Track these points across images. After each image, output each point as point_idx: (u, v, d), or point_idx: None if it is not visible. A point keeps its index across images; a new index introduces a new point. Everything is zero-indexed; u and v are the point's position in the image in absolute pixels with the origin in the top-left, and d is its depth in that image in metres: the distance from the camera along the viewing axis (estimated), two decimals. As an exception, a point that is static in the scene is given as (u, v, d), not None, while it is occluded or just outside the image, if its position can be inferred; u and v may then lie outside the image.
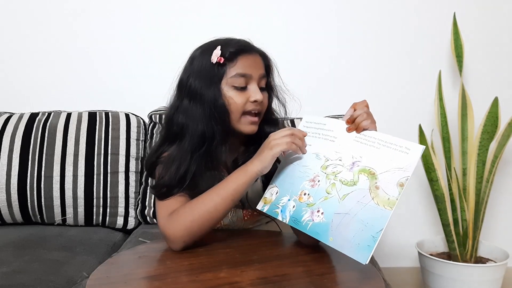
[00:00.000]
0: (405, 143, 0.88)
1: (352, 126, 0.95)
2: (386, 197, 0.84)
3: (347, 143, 0.95)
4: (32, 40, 1.88)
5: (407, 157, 0.86)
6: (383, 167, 0.88)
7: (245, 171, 0.96)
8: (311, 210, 0.91)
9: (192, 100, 1.02)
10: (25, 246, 1.39)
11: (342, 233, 0.85)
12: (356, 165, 0.91)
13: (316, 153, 0.97)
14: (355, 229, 0.84)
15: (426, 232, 1.97)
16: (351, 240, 0.83)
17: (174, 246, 0.97)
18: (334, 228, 0.86)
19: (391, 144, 0.90)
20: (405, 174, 0.85)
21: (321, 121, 1.01)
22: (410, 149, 0.87)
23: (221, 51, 1.01)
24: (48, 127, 1.64)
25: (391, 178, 0.85)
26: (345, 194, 0.88)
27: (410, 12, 1.89)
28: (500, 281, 1.72)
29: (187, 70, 1.06)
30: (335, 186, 0.90)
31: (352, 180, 0.89)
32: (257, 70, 1.03)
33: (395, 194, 0.83)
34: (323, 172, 0.93)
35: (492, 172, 1.69)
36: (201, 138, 1.00)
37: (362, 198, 0.86)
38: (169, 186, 1.00)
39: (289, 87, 1.13)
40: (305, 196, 0.93)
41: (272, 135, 0.96)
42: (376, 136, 0.92)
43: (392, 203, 0.83)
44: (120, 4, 1.87)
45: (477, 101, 1.77)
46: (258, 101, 1.02)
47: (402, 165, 0.86)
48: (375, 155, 0.90)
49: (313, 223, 0.89)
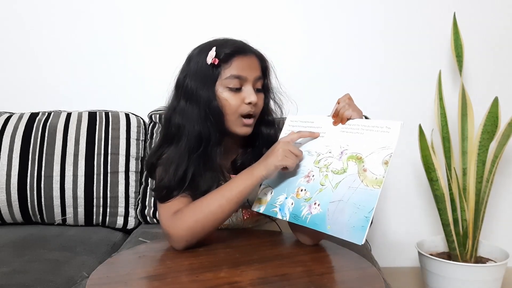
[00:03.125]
0: (385, 122, 0.91)
1: (337, 119, 0.98)
2: (373, 177, 0.87)
3: (335, 135, 0.97)
4: (32, 40, 1.88)
5: (388, 136, 0.89)
6: (368, 150, 0.90)
7: (251, 174, 0.96)
8: (308, 204, 0.93)
9: (188, 100, 1.02)
10: (25, 246, 1.39)
11: (338, 219, 0.87)
12: (344, 153, 0.93)
13: (308, 150, 0.99)
14: (349, 213, 0.86)
15: (426, 232, 1.97)
16: (347, 223, 0.86)
17: (177, 245, 0.97)
18: (331, 216, 0.89)
19: (373, 126, 0.92)
20: (388, 152, 0.87)
21: (308, 119, 1.03)
22: (390, 127, 0.90)
23: (216, 52, 1.00)
24: (48, 127, 1.64)
25: (376, 159, 0.88)
26: (337, 182, 0.91)
27: (410, 12, 1.89)
28: (500, 281, 1.72)
29: (184, 70, 1.06)
30: (328, 177, 0.93)
31: (342, 168, 0.92)
32: (252, 72, 1.03)
33: (381, 173, 0.86)
34: (316, 167, 0.96)
35: (492, 172, 1.69)
36: (198, 139, 1.00)
37: (353, 183, 0.89)
38: (169, 188, 1.00)
39: (286, 87, 1.13)
40: (302, 192, 0.95)
41: (282, 144, 0.95)
42: (359, 123, 0.95)
43: (379, 181, 0.86)
44: (120, 4, 1.87)
45: (477, 101, 1.77)
46: (252, 103, 1.02)
47: (385, 143, 0.89)
48: (360, 140, 0.93)
49: (312, 216, 0.91)
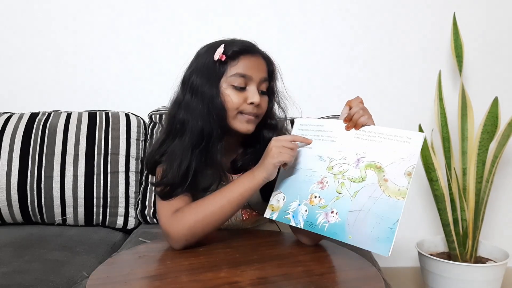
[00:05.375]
0: (405, 132, 0.89)
1: (351, 124, 0.96)
2: (396, 188, 0.85)
3: (349, 141, 0.95)
4: (32, 40, 1.88)
5: (409, 146, 0.87)
6: (388, 160, 0.88)
7: (253, 177, 0.96)
8: (325, 212, 0.92)
9: (193, 96, 1.02)
10: (25, 246, 1.39)
11: (360, 230, 0.86)
12: (361, 161, 0.91)
13: (319, 155, 0.97)
14: (372, 223, 0.85)
15: (426, 232, 1.97)
16: (370, 234, 0.84)
17: (176, 245, 0.97)
18: (351, 225, 0.87)
19: (392, 135, 0.90)
20: (410, 163, 0.86)
21: (317, 123, 1.01)
22: (411, 138, 0.88)
23: (224, 49, 1.01)
24: (48, 127, 1.64)
25: (398, 169, 0.86)
26: (355, 191, 0.89)
27: (410, 12, 1.89)
28: (500, 281, 1.72)
29: (191, 66, 1.06)
30: (344, 185, 0.91)
31: (360, 176, 0.90)
32: (258, 73, 1.03)
33: (405, 184, 0.85)
34: (330, 173, 0.94)
35: (492, 172, 1.69)
36: (200, 135, 1.00)
37: (373, 193, 0.87)
38: (172, 185, 0.99)
39: (288, 89, 1.13)
40: (315, 199, 0.94)
41: (274, 142, 0.95)
42: (376, 130, 0.93)
43: (403, 193, 0.84)
44: (120, 4, 1.87)
45: (477, 101, 1.77)
46: (255, 103, 1.01)
47: (406, 154, 0.87)
48: (378, 149, 0.91)
49: (329, 224, 0.90)
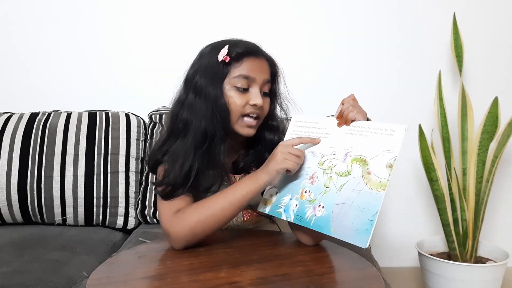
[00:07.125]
0: (390, 125, 0.90)
1: (342, 120, 0.98)
2: (377, 180, 0.87)
3: (339, 137, 0.97)
4: (32, 40, 1.88)
5: (392, 139, 0.89)
6: (372, 153, 0.90)
7: (255, 180, 0.96)
8: (313, 206, 0.93)
9: (197, 96, 1.02)
10: (25, 246, 1.39)
11: (342, 222, 0.87)
12: (349, 155, 0.93)
13: (312, 151, 0.99)
14: (353, 216, 0.86)
15: (426, 232, 1.97)
16: (351, 227, 0.86)
17: (176, 245, 0.97)
18: (335, 218, 0.89)
19: (378, 129, 0.92)
20: (392, 155, 0.87)
21: (312, 120, 1.03)
22: (395, 130, 0.89)
23: (228, 50, 1.01)
24: (48, 127, 1.64)
25: (380, 162, 0.88)
26: (341, 184, 0.91)
27: (410, 12, 1.89)
28: (500, 281, 1.72)
29: (195, 65, 1.06)
30: (332, 179, 0.93)
31: (346, 170, 0.92)
32: (261, 75, 1.03)
33: (386, 176, 0.86)
34: (320, 168, 0.96)
35: (492, 172, 1.69)
36: (204, 135, 1.00)
37: (357, 186, 0.89)
38: (174, 185, 0.99)
39: (289, 89, 1.13)
40: (306, 193, 0.95)
41: (280, 147, 0.96)
42: (364, 125, 0.95)
43: (383, 185, 0.85)
44: (120, 4, 1.87)
45: (477, 101, 1.77)
46: (257, 105, 1.02)
47: (389, 147, 0.88)
48: (364, 142, 0.92)
49: (316, 218, 0.91)
